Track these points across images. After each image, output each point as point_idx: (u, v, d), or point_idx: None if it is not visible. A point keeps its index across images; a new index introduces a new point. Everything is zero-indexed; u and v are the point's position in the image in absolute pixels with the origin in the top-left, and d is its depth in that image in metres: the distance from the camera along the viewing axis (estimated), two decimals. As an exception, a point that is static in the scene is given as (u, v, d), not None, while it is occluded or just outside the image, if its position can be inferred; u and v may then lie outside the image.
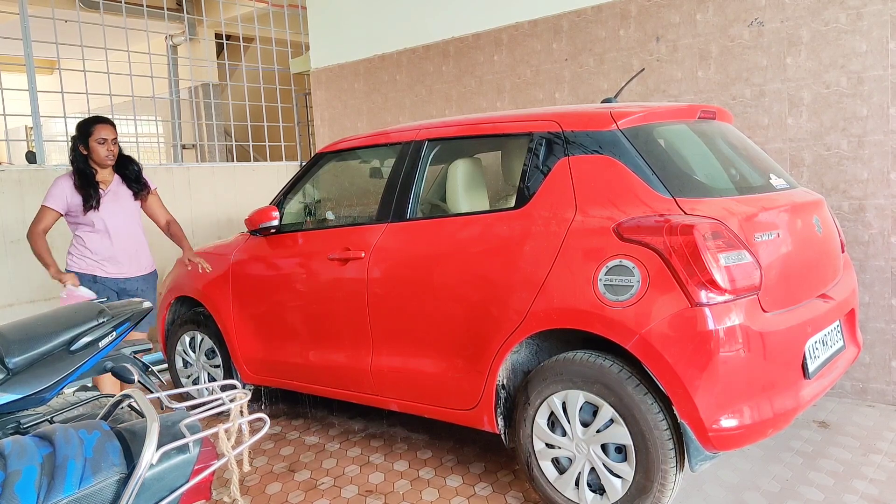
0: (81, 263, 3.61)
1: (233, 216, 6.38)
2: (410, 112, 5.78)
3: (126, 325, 2.80)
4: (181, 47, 10.08)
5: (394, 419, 3.80)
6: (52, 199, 3.55)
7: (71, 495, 1.37)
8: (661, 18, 4.32)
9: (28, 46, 5.25)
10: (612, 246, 2.45)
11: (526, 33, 4.98)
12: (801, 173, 3.89)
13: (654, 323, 2.32)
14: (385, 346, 3.12)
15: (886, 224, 3.66)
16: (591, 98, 4.68)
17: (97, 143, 3.54)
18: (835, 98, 3.75)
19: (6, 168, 5.16)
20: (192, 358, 4.07)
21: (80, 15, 6.00)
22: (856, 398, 3.81)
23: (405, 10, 5.75)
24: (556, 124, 2.77)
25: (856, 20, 3.65)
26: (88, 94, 5.63)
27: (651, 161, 2.56)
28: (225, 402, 1.69)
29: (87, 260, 3.61)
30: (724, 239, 2.36)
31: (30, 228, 3.54)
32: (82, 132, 3.57)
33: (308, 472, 3.28)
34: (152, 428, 1.45)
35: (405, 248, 3.07)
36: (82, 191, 3.53)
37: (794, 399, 2.46)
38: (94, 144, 3.54)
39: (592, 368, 2.48)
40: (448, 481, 3.09)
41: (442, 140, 3.19)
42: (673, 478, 2.40)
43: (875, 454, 3.14)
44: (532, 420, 2.67)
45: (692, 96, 4.24)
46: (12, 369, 2.45)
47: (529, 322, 2.62)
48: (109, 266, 3.63)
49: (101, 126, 3.57)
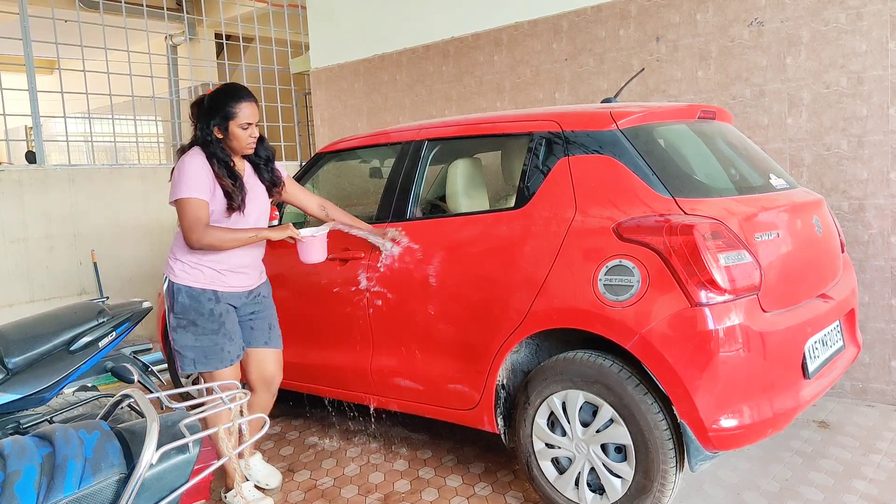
0: (198, 276, 2.71)
1: (232, 216, 6.37)
2: (410, 112, 5.78)
3: (126, 325, 2.81)
4: (181, 47, 10.07)
5: (394, 419, 3.80)
6: (195, 184, 2.59)
7: (71, 495, 1.37)
8: (661, 18, 4.32)
9: (28, 46, 5.25)
10: (612, 246, 2.45)
11: (526, 33, 4.98)
12: (801, 173, 3.89)
13: (654, 323, 2.32)
14: (385, 346, 3.12)
15: (886, 224, 3.66)
16: (590, 98, 4.68)
17: (240, 128, 2.65)
18: (835, 98, 3.75)
19: (6, 168, 5.16)
20: (191, 358, 4.07)
21: (80, 15, 6.00)
22: (855, 398, 3.81)
23: (405, 10, 5.75)
24: (555, 124, 2.77)
25: (856, 20, 3.65)
26: (88, 94, 5.64)
27: (651, 161, 2.56)
28: (225, 402, 1.69)
29: (205, 271, 2.71)
30: (723, 239, 2.37)
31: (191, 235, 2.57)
32: (221, 110, 2.64)
33: (308, 472, 3.28)
34: (152, 428, 1.45)
35: (404, 248, 3.06)
36: (224, 184, 2.65)
37: (794, 399, 2.46)
38: (237, 130, 2.65)
39: (592, 368, 2.48)
40: (448, 481, 3.09)
41: (442, 140, 3.19)
42: (673, 478, 2.40)
43: (875, 454, 3.14)
44: (532, 420, 2.67)
45: (692, 96, 4.24)
46: (12, 369, 2.45)
47: (529, 322, 2.62)
48: (234, 279, 2.77)
49: (247, 104, 2.66)
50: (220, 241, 2.59)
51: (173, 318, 2.73)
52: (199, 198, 2.58)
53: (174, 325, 2.74)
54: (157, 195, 5.90)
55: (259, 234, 2.68)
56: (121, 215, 5.65)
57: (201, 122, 2.66)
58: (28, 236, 5.10)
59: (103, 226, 5.54)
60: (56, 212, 5.25)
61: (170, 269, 2.76)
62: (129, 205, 5.71)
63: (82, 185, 5.41)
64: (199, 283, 2.70)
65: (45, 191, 5.19)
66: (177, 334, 2.74)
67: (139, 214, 5.78)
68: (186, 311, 2.70)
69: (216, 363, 2.73)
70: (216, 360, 2.73)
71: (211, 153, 2.64)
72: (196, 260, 2.69)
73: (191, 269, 2.70)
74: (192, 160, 2.62)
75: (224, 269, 2.73)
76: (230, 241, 2.62)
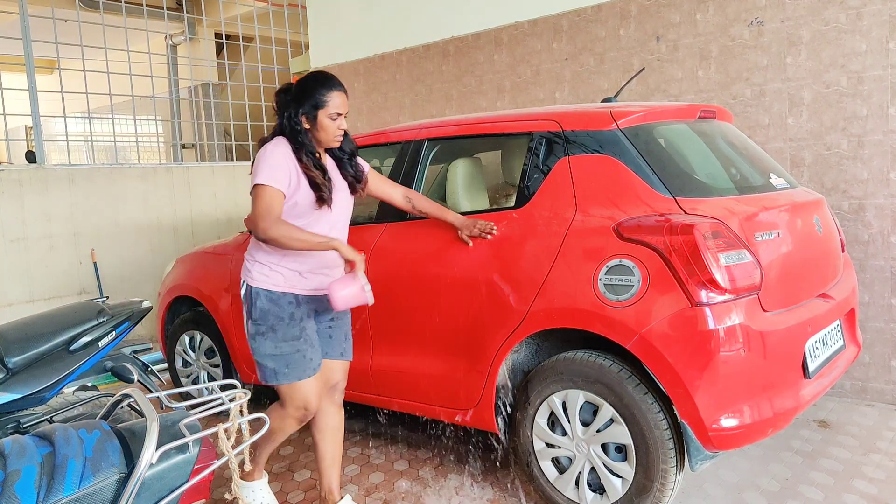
0: (278, 279, 2.49)
1: (233, 216, 6.39)
2: (410, 111, 5.78)
3: (126, 325, 2.80)
4: (181, 47, 10.07)
5: (394, 419, 3.79)
6: (275, 174, 2.37)
7: (71, 495, 1.37)
8: (662, 18, 4.32)
9: (28, 46, 5.25)
10: (613, 245, 2.45)
11: (526, 33, 4.98)
12: (802, 173, 3.89)
13: (655, 322, 2.32)
14: (385, 346, 3.12)
15: (886, 224, 3.66)
16: (591, 97, 4.68)
17: (330, 118, 2.45)
18: (835, 98, 3.75)
19: (6, 168, 5.16)
20: (191, 357, 4.07)
21: (80, 15, 6.01)
22: (855, 397, 3.81)
23: (405, 9, 5.75)
24: (556, 124, 2.77)
25: (856, 20, 3.65)
26: (88, 93, 5.64)
27: (651, 161, 2.56)
28: (225, 402, 1.69)
29: (285, 273, 2.49)
30: (724, 238, 2.36)
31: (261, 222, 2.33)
32: (310, 98, 2.43)
33: (308, 472, 3.28)
34: (152, 427, 1.45)
35: (405, 248, 3.07)
36: (313, 175, 2.44)
37: (794, 398, 2.46)
38: (326, 120, 2.44)
39: (592, 368, 2.48)
40: (448, 481, 3.09)
41: (442, 139, 3.19)
42: (673, 477, 2.39)
43: (875, 453, 3.14)
44: (532, 420, 2.67)
45: (692, 96, 4.24)
46: (12, 369, 2.45)
47: (529, 322, 2.62)
48: (314, 280, 2.55)
49: (338, 94, 2.46)
50: (288, 237, 2.34)
51: (252, 324, 2.50)
52: (277, 188, 2.36)
53: (252, 332, 2.50)
54: (157, 195, 5.90)
55: (331, 243, 2.40)
56: (121, 215, 5.65)
57: (288, 111, 2.45)
58: (28, 236, 5.10)
59: (103, 225, 5.54)
60: (56, 211, 5.25)
61: (247, 272, 2.53)
62: (129, 204, 5.71)
63: (82, 184, 5.41)
64: (279, 287, 2.49)
65: (45, 190, 5.20)
66: (255, 342, 2.50)
67: (139, 214, 5.78)
68: (266, 317, 2.47)
69: (299, 373, 2.49)
70: (299, 369, 2.48)
71: (298, 143, 2.44)
72: (276, 261, 2.48)
73: (270, 272, 2.49)
74: (276, 149, 2.41)
75: (306, 270, 2.51)
76: (297, 241, 2.36)
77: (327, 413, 2.71)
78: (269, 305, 2.48)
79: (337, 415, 2.74)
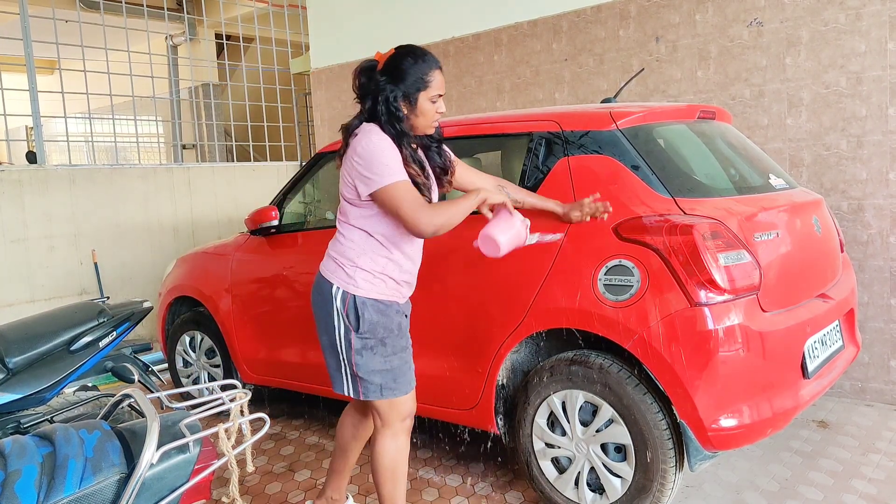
0: (383, 288, 2.24)
1: (233, 216, 6.39)
2: (410, 112, 5.78)
3: (126, 325, 2.81)
4: (181, 47, 10.08)
5: (394, 419, 3.79)
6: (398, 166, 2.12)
7: (71, 495, 1.37)
8: (661, 18, 4.32)
9: (28, 46, 5.26)
10: (612, 246, 2.46)
11: (526, 33, 4.99)
12: (801, 173, 3.89)
13: (654, 323, 2.32)
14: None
15: (885, 224, 3.67)
16: (590, 98, 4.68)
17: (431, 101, 2.19)
18: (834, 98, 3.76)
19: (7, 168, 5.17)
20: (192, 358, 4.08)
21: (80, 15, 6.02)
22: (855, 398, 3.81)
23: (405, 10, 5.75)
24: (555, 124, 2.78)
25: (855, 20, 3.66)
26: (88, 94, 5.64)
27: (651, 161, 2.56)
28: (225, 402, 1.69)
29: (388, 282, 2.25)
30: (723, 239, 2.37)
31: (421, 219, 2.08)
32: (411, 78, 2.17)
33: (308, 471, 3.28)
34: (152, 427, 1.45)
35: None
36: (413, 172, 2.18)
37: (794, 399, 2.46)
38: (427, 104, 2.19)
39: (592, 368, 2.49)
40: (448, 481, 3.09)
41: (442, 140, 3.19)
42: (672, 477, 2.40)
43: (874, 453, 3.15)
44: (532, 420, 2.68)
45: (692, 96, 4.24)
46: (12, 369, 2.46)
47: (529, 322, 2.62)
48: (406, 288, 2.35)
49: (439, 72, 2.21)
50: (450, 216, 2.12)
51: (357, 339, 2.21)
52: (406, 179, 2.11)
53: (359, 347, 2.21)
54: (158, 195, 5.91)
55: (479, 196, 2.18)
56: (121, 215, 5.65)
57: (384, 94, 2.15)
58: (28, 236, 5.11)
59: (104, 226, 5.54)
60: (56, 212, 5.26)
61: (347, 280, 2.22)
62: (130, 205, 5.72)
63: (83, 185, 5.41)
64: (387, 296, 2.24)
65: (46, 191, 5.20)
66: (363, 358, 2.21)
67: (140, 214, 5.78)
68: (375, 329, 2.21)
69: (405, 386, 2.28)
70: (405, 382, 2.28)
71: (399, 133, 2.15)
72: (380, 269, 2.23)
73: (375, 279, 2.22)
74: (382, 140, 2.12)
75: (402, 278, 2.29)
76: (458, 214, 2.14)
77: (368, 425, 2.55)
78: (378, 317, 2.22)
79: (371, 426, 2.50)
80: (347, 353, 2.24)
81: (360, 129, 2.18)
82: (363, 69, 2.25)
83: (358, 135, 2.17)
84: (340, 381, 2.31)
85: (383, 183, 2.09)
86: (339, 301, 2.23)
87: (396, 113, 2.15)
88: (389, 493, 2.35)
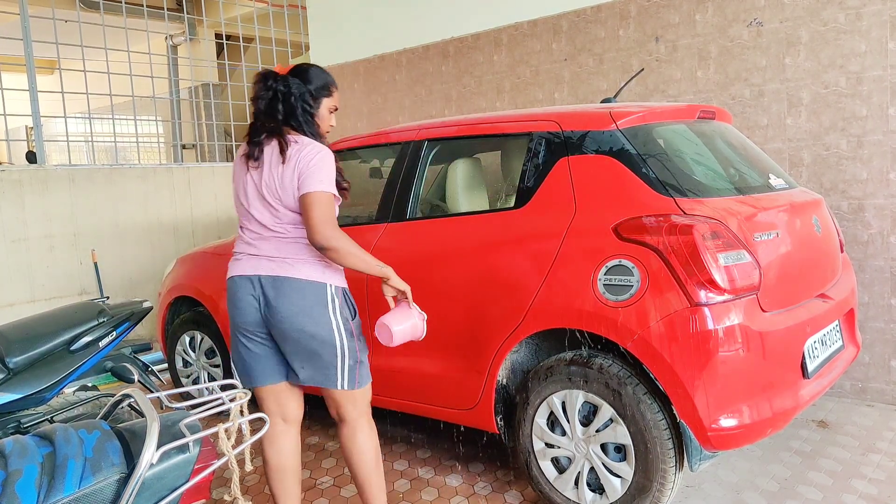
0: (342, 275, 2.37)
1: (233, 216, 6.39)
2: (410, 112, 5.78)
3: (126, 325, 2.81)
4: (181, 47, 10.08)
5: (394, 419, 3.80)
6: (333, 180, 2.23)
7: (71, 495, 1.37)
8: (661, 18, 4.32)
9: (28, 46, 5.26)
10: (612, 246, 2.46)
11: (525, 33, 4.99)
12: (801, 173, 3.89)
13: (654, 323, 2.32)
14: (384, 346, 3.11)
15: (885, 224, 3.67)
16: (590, 98, 4.68)
17: (329, 111, 2.35)
18: (834, 98, 3.76)
19: (7, 168, 5.17)
20: (191, 357, 4.08)
21: (80, 15, 6.01)
22: (855, 398, 3.81)
23: (405, 10, 5.75)
24: (555, 124, 2.78)
25: (855, 20, 3.66)
26: (88, 94, 5.64)
27: (650, 161, 2.56)
28: (225, 402, 1.69)
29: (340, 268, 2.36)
30: (723, 239, 2.37)
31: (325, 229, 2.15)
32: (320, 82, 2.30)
33: (308, 471, 3.28)
34: (152, 427, 1.45)
35: (405, 248, 3.07)
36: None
37: (794, 399, 2.46)
38: (325, 111, 2.33)
39: (592, 368, 2.49)
40: (448, 481, 3.09)
41: (442, 140, 3.19)
42: (672, 477, 2.40)
43: (874, 454, 3.15)
44: (531, 419, 2.68)
45: (691, 96, 4.24)
46: (13, 369, 2.46)
47: (529, 322, 2.62)
48: None
49: (337, 92, 2.39)
50: (347, 251, 2.18)
51: (355, 325, 2.35)
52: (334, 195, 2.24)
53: (357, 332, 2.36)
54: (158, 195, 5.90)
55: (383, 270, 2.28)
56: (121, 215, 5.65)
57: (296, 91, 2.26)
58: (28, 236, 5.11)
59: (104, 226, 5.54)
60: (56, 212, 5.25)
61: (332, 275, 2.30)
62: (130, 205, 5.72)
63: (83, 185, 5.41)
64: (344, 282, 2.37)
65: (46, 191, 5.20)
66: (361, 342, 2.37)
67: (139, 214, 5.78)
68: (355, 313, 2.37)
69: None
70: None
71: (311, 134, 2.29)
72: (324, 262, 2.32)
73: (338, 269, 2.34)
74: (328, 156, 2.23)
75: None
76: (356, 258, 2.21)
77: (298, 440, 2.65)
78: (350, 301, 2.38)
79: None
80: (350, 342, 2.30)
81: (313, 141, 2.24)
82: (267, 73, 2.30)
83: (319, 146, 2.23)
84: (335, 376, 2.32)
85: (320, 187, 2.17)
86: (338, 296, 2.31)
87: (310, 109, 2.27)
88: (379, 481, 2.46)
